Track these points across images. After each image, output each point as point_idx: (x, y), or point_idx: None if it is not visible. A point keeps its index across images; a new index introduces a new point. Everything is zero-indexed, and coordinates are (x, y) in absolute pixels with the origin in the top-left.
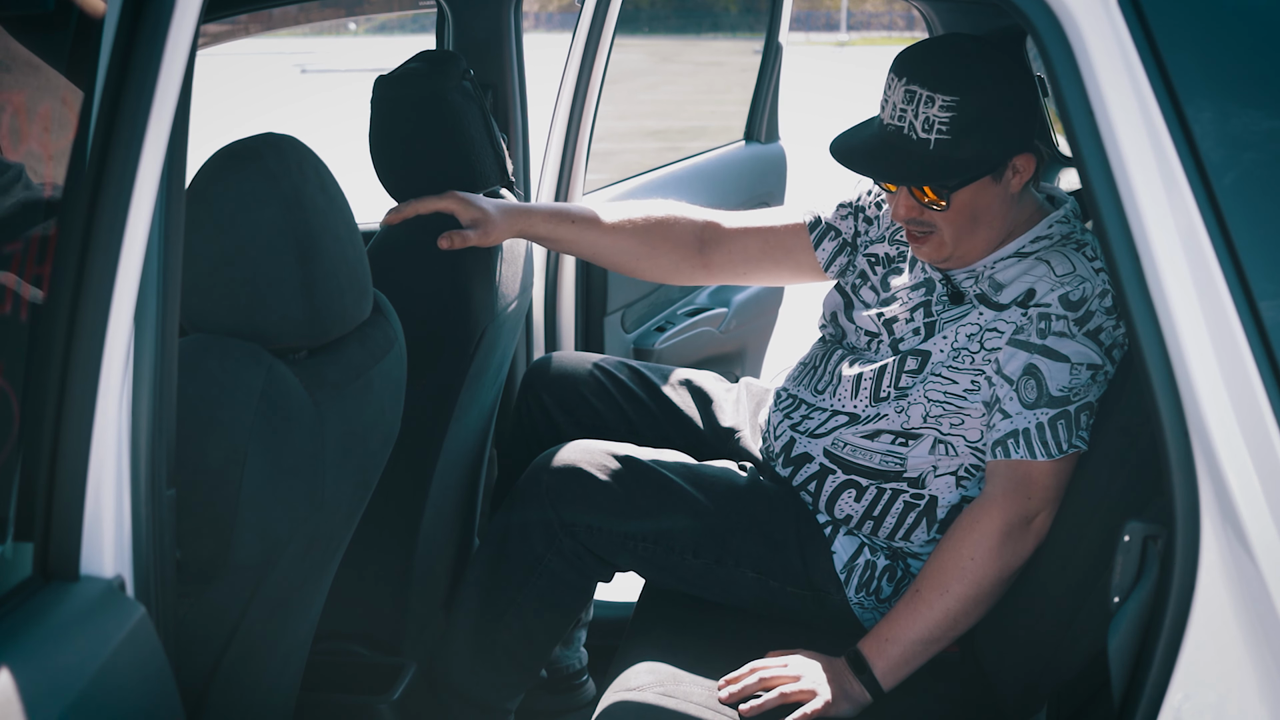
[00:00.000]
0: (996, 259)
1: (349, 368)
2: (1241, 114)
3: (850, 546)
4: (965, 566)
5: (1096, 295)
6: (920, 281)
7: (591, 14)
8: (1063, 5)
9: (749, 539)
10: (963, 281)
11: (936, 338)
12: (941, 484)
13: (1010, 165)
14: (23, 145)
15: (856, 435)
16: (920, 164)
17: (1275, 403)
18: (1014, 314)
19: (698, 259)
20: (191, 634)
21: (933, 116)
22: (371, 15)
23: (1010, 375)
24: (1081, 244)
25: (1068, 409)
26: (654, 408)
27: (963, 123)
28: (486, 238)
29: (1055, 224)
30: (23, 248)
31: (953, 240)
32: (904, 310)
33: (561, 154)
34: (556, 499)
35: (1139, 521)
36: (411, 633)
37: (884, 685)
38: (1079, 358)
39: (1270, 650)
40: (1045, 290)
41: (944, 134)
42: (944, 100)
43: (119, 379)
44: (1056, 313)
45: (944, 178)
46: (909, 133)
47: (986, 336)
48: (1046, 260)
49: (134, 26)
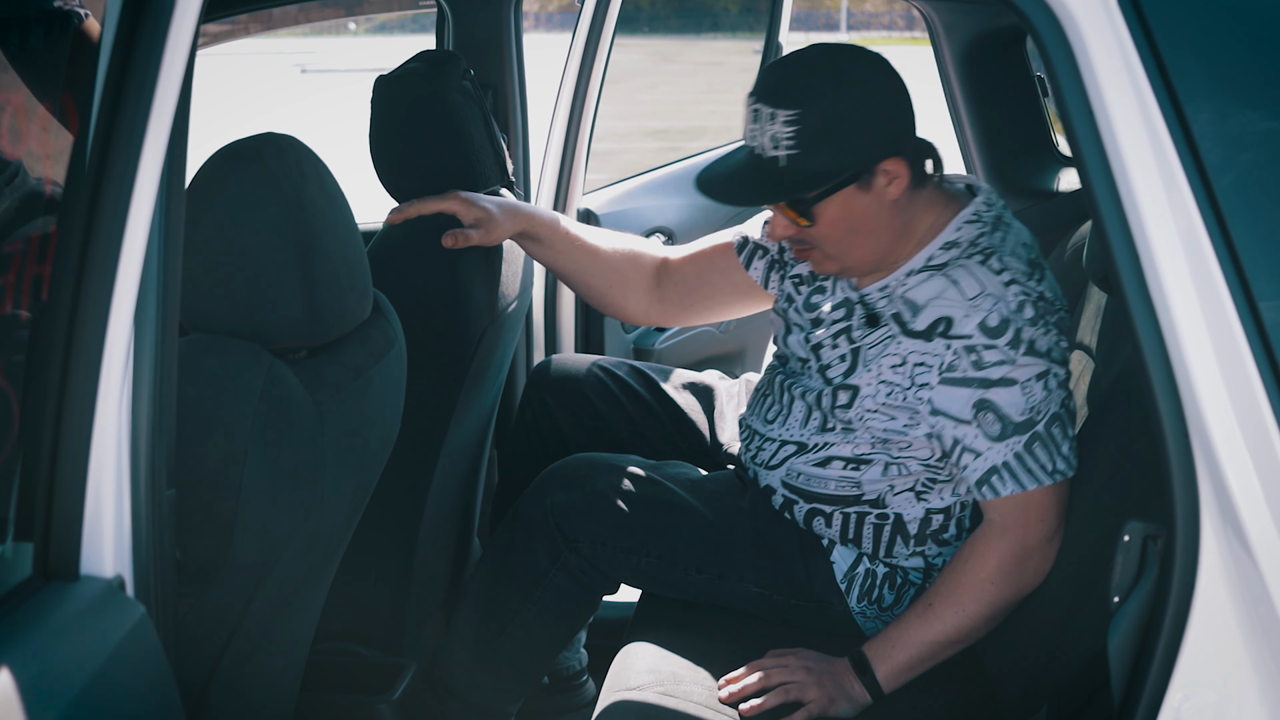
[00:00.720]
0: (908, 272)
1: (349, 368)
2: (1241, 114)
3: (849, 557)
4: (984, 590)
5: (1014, 311)
6: (840, 302)
7: (591, 14)
8: (1063, 5)
9: (753, 553)
10: (878, 302)
11: (861, 370)
12: (901, 500)
13: (878, 172)
14: (23, 145)
15: (808, 464)
16: (772, 182)
17: (1275, 403)
18: (938, 346)
19: (654, 292)
20: (191, 634)
21: (778, 133)
22: (371, 15)
23: (960, 416)
24: (988, 251)
25: (1037, 430)
26: (657, 408)
27: (808, 135)
28: (488, 237)
29: (964, 224)
30: (23, 248)
31: (836, 254)
32: (828, 335)
33: (561, 154)
34: (561, 516)
35: (1139, 521)
36: (411, 633)
37: (885, 688)
38: (1025, 375)
39: (1270, 650)
40: (961, 318)
41: (792, 148)
42: (785, 115)
43: (119, 379)
44: (983, 343)
45: (796, 192)
46: (760, 152)
47: (915, 371)
48: (955, 280)
49: (134, 26)
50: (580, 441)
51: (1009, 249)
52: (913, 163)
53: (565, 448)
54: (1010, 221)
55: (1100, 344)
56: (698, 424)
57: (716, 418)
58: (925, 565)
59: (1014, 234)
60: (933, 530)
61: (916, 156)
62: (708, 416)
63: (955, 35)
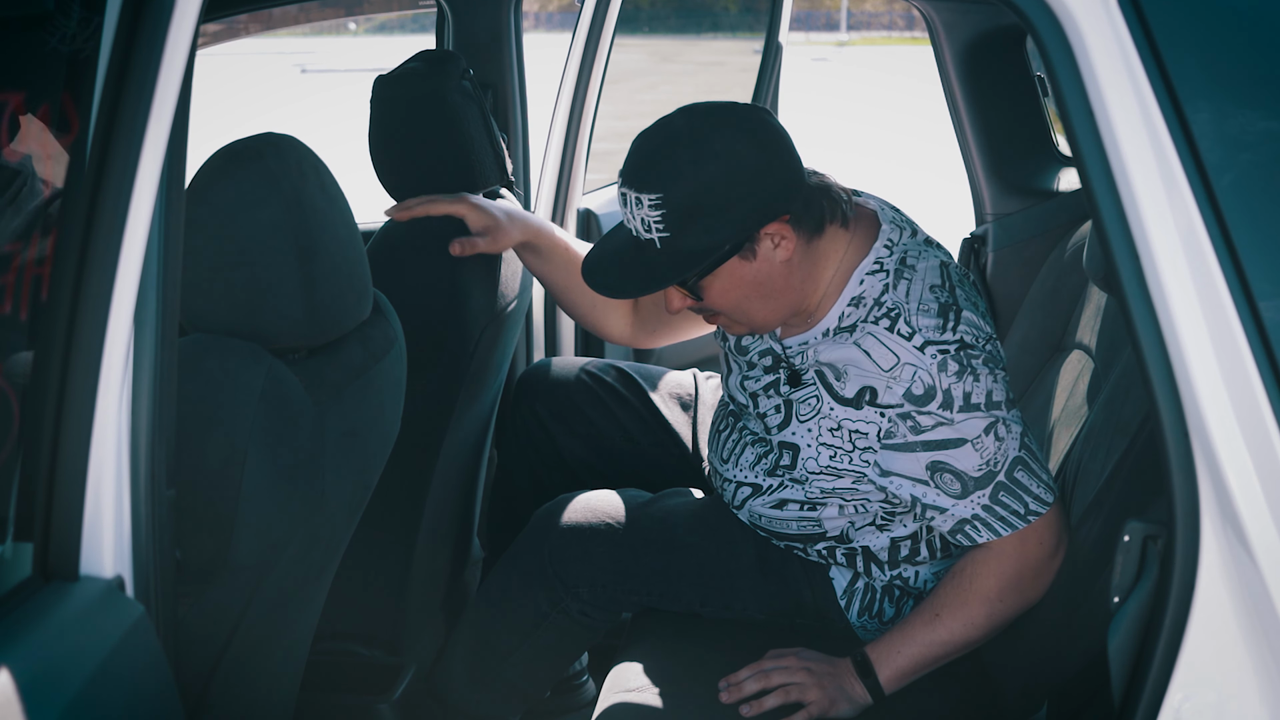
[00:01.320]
0: (824, 331)
1: (349, 368)
2: (1241, 114)
3: (847, 573)
4: (991, 605)
5: (938, 373)
6: (765, 350)
7: (591, 14)
8: (1063, 5)
9: (757, 580)
10: (796, 357)
11: (796, 424)
12: (866, 534)
13: (761, 237)
14: (22, 145)
15: (765, 506)
16: (652, 266)
17: (1275, 402)
18: (870, 414)
19: (633, 317)
20: (191, 634)
21: (646, 216)
22: (371, 15)
23: (916, 477)
24: (894, 315)
25: (999, 480)
26: (646, 414)
27: (675, 217)
28: (495, 245)
29: (866, 276)
30: (22, 248)
31: (743, 317)
32: (761, 385)
33: (561, 154)
34: (560, 565)
35: (1139, 521)
36: (411, 633)
37: (886, 691)
38: (971, 431)
39: (1270, 650)
40: (884, 389)
41: (663, 231)
42: (650, 199)
43: (119, 379)
44: (916, 410)
45: (676, 276)
46: (637, 235)
47: (854, 438)
48: (866, 351)
49: (134, 26)
50: (574, 450)
51: (915, 304)
52: (802, 217)
53: (559, 456)
54: (914, 262)
55: (1100, 344)
56: (684, 434)
57: (700, 426)
58: (915, 578)
59: (919, 278)
60: (904, 555)
61: (806, 210)
62: (693, 425)
63: (955, 35)
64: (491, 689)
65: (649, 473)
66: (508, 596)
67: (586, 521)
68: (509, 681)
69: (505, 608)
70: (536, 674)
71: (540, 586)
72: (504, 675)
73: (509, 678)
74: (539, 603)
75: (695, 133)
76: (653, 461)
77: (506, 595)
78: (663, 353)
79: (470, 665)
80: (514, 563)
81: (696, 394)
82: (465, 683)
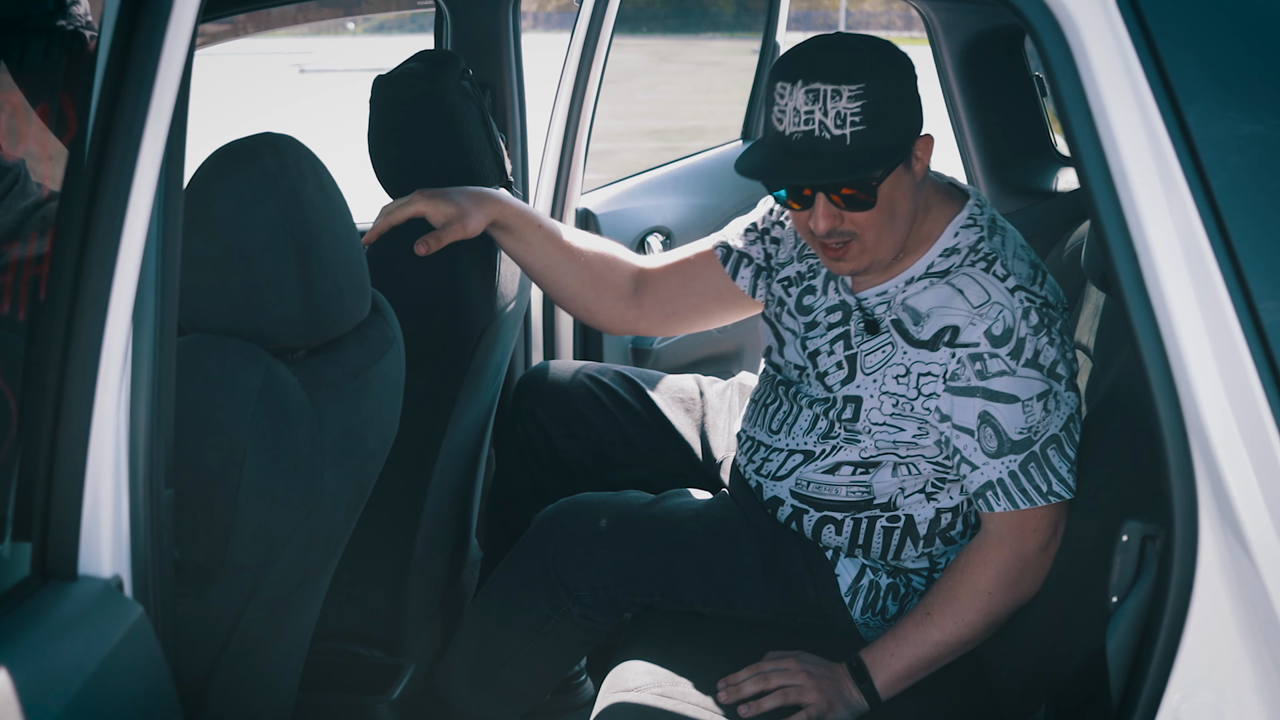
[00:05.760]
0: (908, 279)
1: (347, 367)
2: (1240, 114)
3: (853, 569)
4: (982, 600)
5: (1020, 319)
6: (835, 305)
7: (590, 14)
8: (1062, 6)
9: (759, 579)
10: (875, 308)
11: (861, 377)
12: (912, 502)
13: (914, 151)
14: (21, 145)
15: (817, 472)
16: (841, 161)
17: (1274, 403)
18: (943, 355)
19: (632, 299)
20: (190, 634)
21: (843, 109)
22: (370, 15)
23: (965, 425)
24: (991, 258)
25: (1033, 450)
26: (647, 418)
27: (875, 109)
28: (465, 230)
29: (961, 229)
30: (21, 247)
31: (874, 243)
32: (824, 341)
33: (560, 154)
34: (562, 569)
35: (1137, 521)
36: (410, 632)
37: (883, 696)
38: (1026, 393)
39: (1268, 650)
40: (967, 326)
41: (859, 125)
42: (851, 90)
43: (117, 378)
44: (988, 351)
45: (870, 169)
46: (821, 133)
47: (921, 382)
48: (959, 289)
49: (132, 26)
50: (572, 453)
51: (1010, 253)
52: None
53: (558, 460)
54: (1004, 224)
55: (1099, 344)
56: (688, 436)
57: (709, 429)
58: (930, 566)
59: (1011, 236)
60: (941, 529)
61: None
62: (699, 427)
63: (954, 35)
64: (493, 692)
65: (648, 476)
66: (509, 601)
67: (588, 525)
68: (511, 684)
69: (507, 612)
70: (538, 676)
71: (542, 590)
72: (506, 678)
73: (511, 681)
74: (541, 606)
75: (868, 42)
76: (652, 465)
77: (508, 599)
78: (661, 352)
79: (472, 669)
80: (515, 567)
81: (702, 397)
82: (467, 686)
